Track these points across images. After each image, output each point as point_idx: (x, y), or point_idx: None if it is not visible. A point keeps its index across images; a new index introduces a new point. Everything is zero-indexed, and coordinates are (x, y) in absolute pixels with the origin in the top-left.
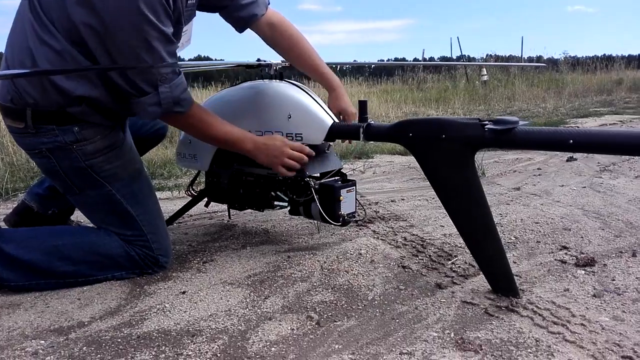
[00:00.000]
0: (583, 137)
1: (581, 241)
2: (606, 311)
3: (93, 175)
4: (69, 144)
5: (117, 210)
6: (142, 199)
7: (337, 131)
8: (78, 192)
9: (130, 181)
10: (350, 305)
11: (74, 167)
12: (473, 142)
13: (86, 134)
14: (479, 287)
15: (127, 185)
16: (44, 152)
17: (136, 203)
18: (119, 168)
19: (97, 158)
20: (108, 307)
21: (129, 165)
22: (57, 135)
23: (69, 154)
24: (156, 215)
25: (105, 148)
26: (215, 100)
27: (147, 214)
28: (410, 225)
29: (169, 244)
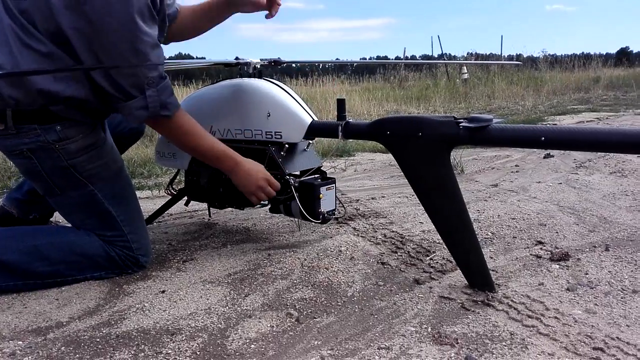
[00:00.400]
0: (554, 135)
1: (556, 236)
2: (579, 304)
3: (75, 175)
4: (51, 143)
5: (98, 210)
6: (124, 199)
7: (316, 129)
8: (60, 192)
9: (112, 181)
10: (329, 302)
11: (56, 166)
12: (448, 140)
13: (68, 132)
14: (456, 282)
15: (108, 185)
16: (25, 153)
17: (117, 203)
18: (101, 167)
19: (79, 157)
20: (87, 307)
21: (111, 164)
22: (40, 134)
23: (52, 154)
24: (137, 216)
25: (87, 147)
26: (195, 99)
27: (128, 214)
28: (390, 222)
29: (149, 243)
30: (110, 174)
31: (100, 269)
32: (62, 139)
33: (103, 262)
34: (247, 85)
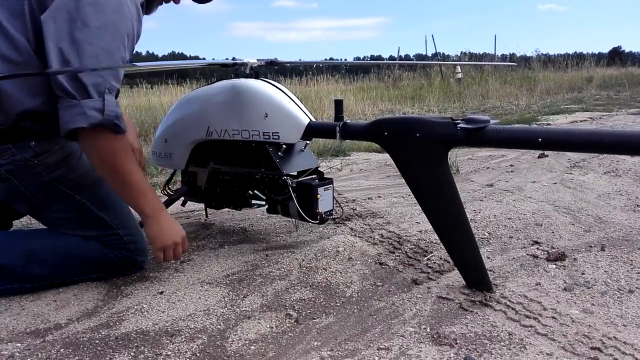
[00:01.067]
0: (551, 136)
1: (552, 236)
2: (576, 304)
3: (60, 188)
4: (28, 160)
5: (89, 218)
6: (111, 203)
7: (314, 130)
8: (47, 209)
9: (96, 187)
10: (328, 303)
11: (39, 183)
12: (446, 141)
13: (44, 146)
14: (453, 282)
15: (93, 192)
16: (3, 175)
17: (106, 208)
18: (82, 176)
19: (60, 169)
20: (85, 308)
21: (92, 171)
22: (15, 153)
23: (31, 171)
24: (128, 217)
25: (66, 157)
26: (191, 99)
27: (119, 217)
28: (387, 222)
29: (145, 243)
30: (92, 181)
31: (98, 270)
32: (39, 153)
33: (102, 264)
34: (244, 85)
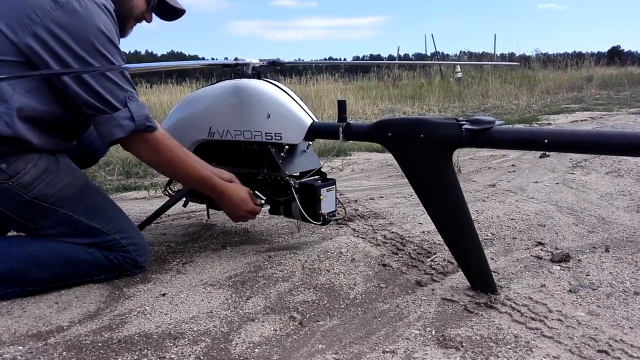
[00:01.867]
0: (557, 137)
1: (556, 237)
2: (582, 306)
3: (42, 205)
4: (2, 183)
5: (79, 229)
6: (100, 210)
7: (317, 130)
8: (34, 226)
9: (80, 198)
10: (332, 305)
11: (19, 203)
12: (450, 142)
13: (16, 166)
14: (458, 284)
15: (79, 203)
16: None
17: (95, 216)
18: (63, 189)
19: (37, 187)
20: (87, 310)
21: (74, 182)
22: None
23: (8, 193)
24: (121, 219)
25: (42, 173)
26: (193, 99)
27: (112, 222)
28: (389, 223)
29: (144, 243)
30: (75, 192)
31: (100, 272)
32: (11, 175)
33: (103, 266)
34: (247, 86)
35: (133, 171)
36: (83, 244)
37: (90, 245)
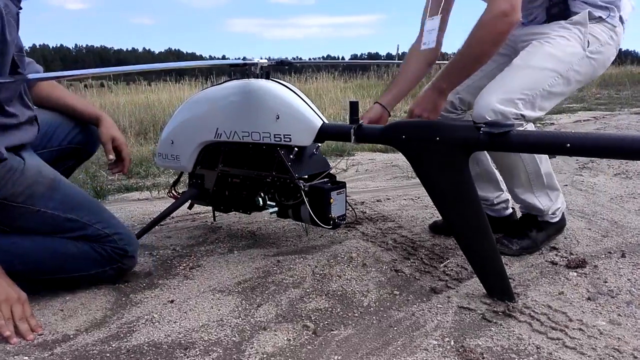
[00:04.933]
0: (580, 141)
1: (569, 242)
2: (602, 315)
3: (12, 205)
4: None
5: (58, 223)
6: (78, 202)
7: (327, 132)
8: (11, 228)
9: (51, 193)
10: (346, 313)
11: None
12: (467, 145)
13: None
14: (473, 291)
15: (52, 197)
16: None
17: (73, 208)
18: (32, 186)
19: (4, 187)
20: (93, 318)
21: (42, 179)
22: None
23: None
24: (99, 210)
25: (6, 174)
26: (199, 100)
27: (91, 212)
28: (398, 226)
29: (128, 232)
30: (45, 187)
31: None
32: None
33: (92, 260)
34: (255, 86)
35: (134, 171)
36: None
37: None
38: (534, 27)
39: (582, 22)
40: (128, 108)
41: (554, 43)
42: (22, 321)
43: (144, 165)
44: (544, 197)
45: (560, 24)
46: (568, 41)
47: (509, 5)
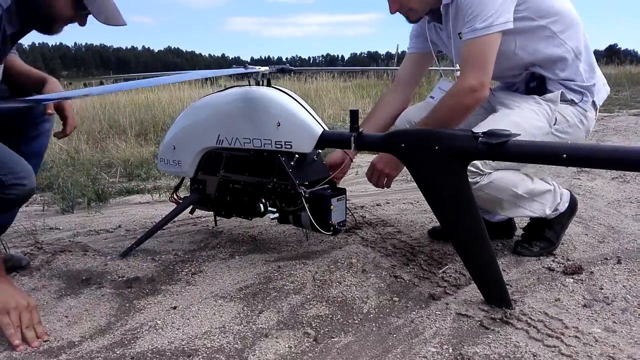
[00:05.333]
0: (576, 152)
1: (566, 247)
2: (597, 322)
3: None
4: None
5: None
6: None
7: (327, 140)
8: None
9: None
10: (346, 320)
11: None
12: (466, 154)
13: None
14: (471, 297)
15: None
16: None
17: None
18: None
19: None
20: (97, 324)
21: None
22: None
23: None
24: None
25: None
26: (201, 106)
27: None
28: (397, 231)
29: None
30: None
31: None
32: None
33: None
34: (257, 93)
35: (135, 173)
36: None
37: None
38: (512, 95)
39: (553, 100)
40: (128, 108)
41: (522, 114)
42: (29, 329)
43: (144, 167)
44: (534, 206)
45: (535, 99)
46: (536, 115)
47: (478, 82)
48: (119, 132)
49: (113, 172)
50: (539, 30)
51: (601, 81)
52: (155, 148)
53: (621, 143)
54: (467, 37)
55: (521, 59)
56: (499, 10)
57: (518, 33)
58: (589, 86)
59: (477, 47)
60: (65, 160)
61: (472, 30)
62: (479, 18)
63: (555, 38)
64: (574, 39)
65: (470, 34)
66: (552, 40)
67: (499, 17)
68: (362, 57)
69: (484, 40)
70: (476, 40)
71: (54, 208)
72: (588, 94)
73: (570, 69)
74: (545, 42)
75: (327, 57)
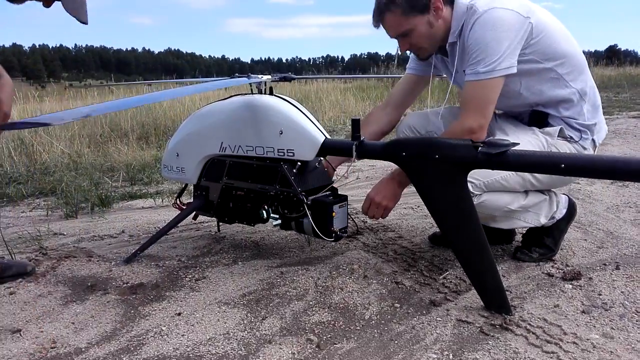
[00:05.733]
0: (574, 162)
1: (565, 253)
2: (596, 328)
3: None
4: None
5: None
6: None
7: (329, 148)
8: None
9: None
10: (348, 326)
11: None
12: (465, 163)
13: None
14: (472, 303)
15: None
16: None
17: None
18: None
19: None
20: (104, 331)
21: None
22: None
23: None
24: None
25: None
26: (204, 114)
27: None
28: (398, 236)
29: None
30: None
31: None
32: None
33: None
34: (259, 101)
35: (137, 177)
36: None
37: None
38: (513, 123)
39: (551, 134)
40: (130, 112)
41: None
42: None
43: (146, 172)
44: (528, 216)
45: (533, 130)
46: (531, 146)
47: (477, 125)
48: (121, 136)
49: (116, 177)
50: (544, 72)
51: (603, 121)
52: (157, 151)
53: (620, 146)
54: (470, 78)
55: (526, 98)
56: (503, 54)
57: (524, 74)
58: (590, 125)
59: (478, 90)
60: (68, 165)
61: (475, 73)
62: (483, 62)
63: (561, 80)
64: (580, 81)
65: (473, 76)
66: (558, 82)
67: (503, 61)
68: (362, 58)
69: (486, 83)
70: (479, 83)
71: (57, 213)
72: (588, 132)
73: (574, 109)
74: (550, 84)
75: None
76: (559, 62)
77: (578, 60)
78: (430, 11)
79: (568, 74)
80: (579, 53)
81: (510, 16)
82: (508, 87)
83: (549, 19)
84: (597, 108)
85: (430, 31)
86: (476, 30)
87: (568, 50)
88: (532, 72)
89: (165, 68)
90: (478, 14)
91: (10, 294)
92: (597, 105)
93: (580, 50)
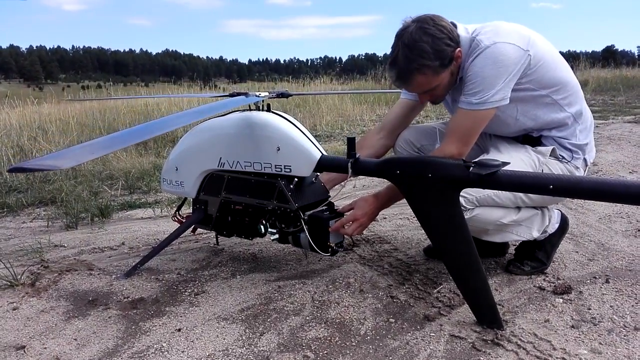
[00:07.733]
0: (562, 183)
1: (557, 265)
2: (584, 343)
3: None
4: None
5: None
6: None
7: (325, 164)
8: None
9: None
10: (344, 342)
11: None
12: (457, 182)
13: None
14: (465, 318)
15: None
16: None
17: None
18: None
19: None
20: (106, 347)
21: None
22: None
23: None
24: None
25: None
26: (203, 129)
27: None
28: (394, 248)
29: None
30: None
31: None
32: None
33: None
34: (257, 118)
35: (136, 185)
36: None
37: None
38: (506, 142)
39: (543, 153)
40: (128, 117)
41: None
42: None
43: (145, 180)
44: (520, 230)
45: (526, 149)
46: (524, 165)
47: (458, 152)
48: None
49: (115, 185)
50: (540, 99)
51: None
52: (156, 158)
53: (614, 153)
54: (462, 106)
55: (523, 124)
56: (498, 88)
57: (520, 101)
58: (581, 145)
59: (468, 120)
60: (67, 172)
61: (468, 103)
62: (478, 95)
63: (556, 105)
64: (576, 105)
65: (465, 104)
66: (553, 107)
67: (496, 94)
68: (360, 59)
69: (477, 114)
70: (470, 113)
71: (57, 223)
72: (580, 152)
73: (567, 131)
74: (546, 109)
75: (324, 59)
76: (555, 89)
77: (572, 85)
78: (452, 62)
79: (563, 99)
80: (572, 78)
81: (512, 51)
82: (505, 113)
83: (546, 48)
84: (589, 128)
85: (452, 80)
86: (476, 63)
87: (563, 77)
88: (527, 99)
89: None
90: (481, 49)
91: (14, 309)
92: (590, 126)
93: (573, 74)
